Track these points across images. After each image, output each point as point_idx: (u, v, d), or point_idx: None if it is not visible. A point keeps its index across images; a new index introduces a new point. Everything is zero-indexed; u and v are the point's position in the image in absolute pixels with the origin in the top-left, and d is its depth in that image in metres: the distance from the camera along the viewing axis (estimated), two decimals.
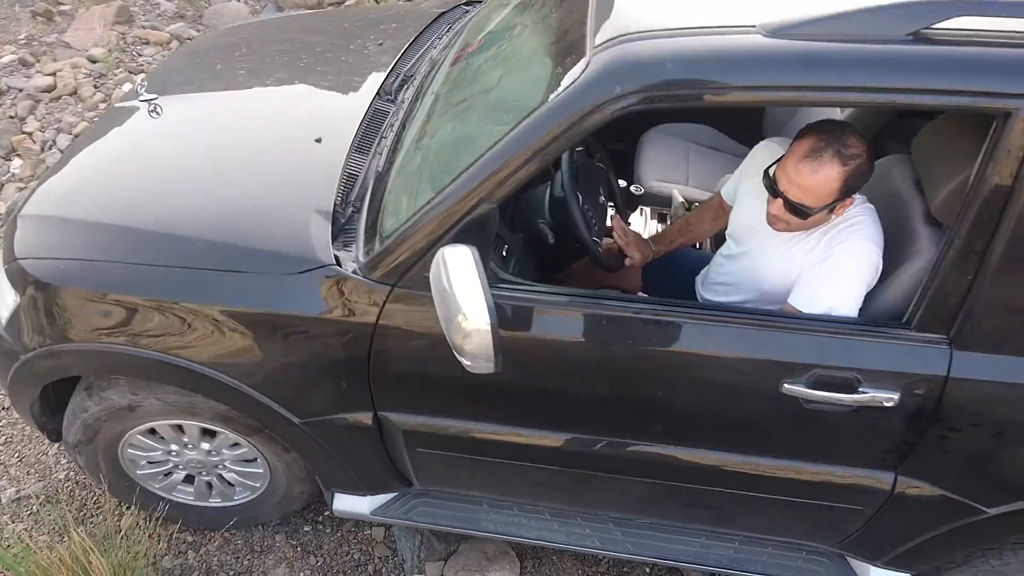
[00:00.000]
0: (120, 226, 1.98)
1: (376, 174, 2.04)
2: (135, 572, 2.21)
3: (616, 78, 1.49)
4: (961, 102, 1.44)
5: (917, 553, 2.04)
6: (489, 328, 1.46)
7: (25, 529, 2.09)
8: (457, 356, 1.55)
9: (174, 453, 2.29)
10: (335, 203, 1.96)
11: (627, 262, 2.29)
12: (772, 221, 1.87)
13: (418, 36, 2.66)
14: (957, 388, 1.67)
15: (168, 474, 2.38)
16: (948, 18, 1.40)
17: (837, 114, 2.48)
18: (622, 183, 2.77)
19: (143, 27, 5.50)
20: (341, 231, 1.91)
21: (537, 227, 2.23)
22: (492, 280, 1.67)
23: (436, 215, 1.68)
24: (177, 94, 2.48)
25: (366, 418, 2.00)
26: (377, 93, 2.33)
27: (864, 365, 1.68)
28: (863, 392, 1.68)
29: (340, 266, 1.83)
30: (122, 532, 2.24)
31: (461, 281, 1.47)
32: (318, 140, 2.15)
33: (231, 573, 2.47)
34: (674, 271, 2.40)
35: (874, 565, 2.12)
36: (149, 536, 2.32)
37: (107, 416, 2.13)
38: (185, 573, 2.45)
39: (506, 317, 1.73)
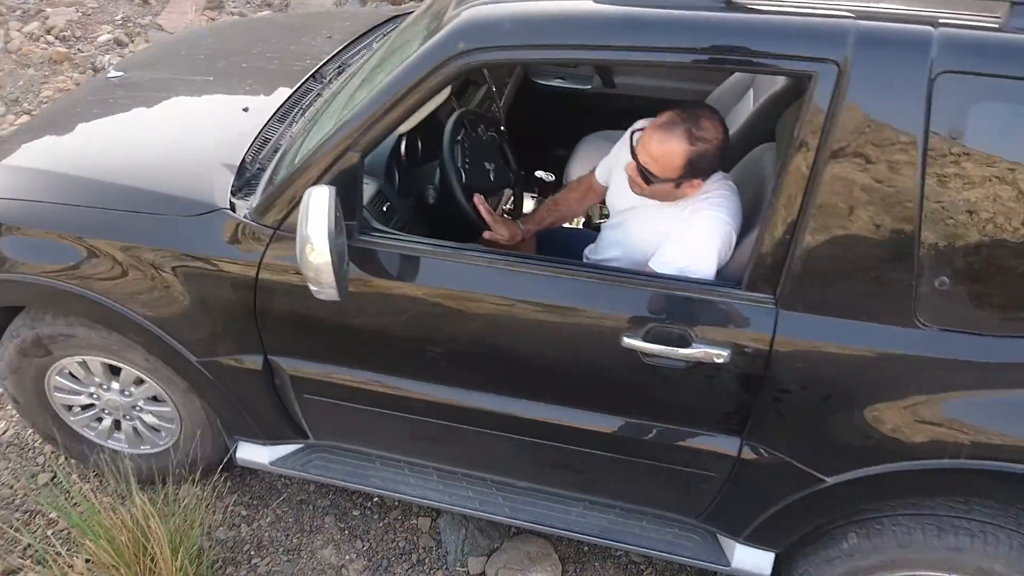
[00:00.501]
0: (58, 173, 2.22)
1: (289, 139, 2.23)
2: (190, 540, 2.29)
3: (461, 36, 1.66)
4: (769, 65, 1.56)
5: (773, 527, 2.03)
6: (329, 258, 1.64)
7: (91, 489, 2.20)
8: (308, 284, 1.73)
9: (94, 395, 2.43)
10: (244, 160, 2.17)
11: (487, 235, 2.31)
12: (629, 182, 1.99)
13: (365, 32, 2.93)
14: (784, 348, 1.72)
15: (99, 419, 2.52)
16: None
17: (749, 106, 2.57)
18: (541, 173, 2.95)
19: (231, 13, 5.68)
20: (246, 184, 2.10)
21: (425, 191, 2.38)
22: (364, 227, 1.89)
23: (312, 162, 1.85)
24: (143, 72, 2.82)
25: (256, 362, 2.12)
26: (312, 76, 2.58)
27: (696, 321, 1.75)
28: (695, 347, 1.74)
29: (234, 212, 2.00)
30: (181, 501, 2.33)
31: (314, 217, 1.64)
32: (245, 109, 2.43)
33: (280, 549, 2.54)
34: (567, 245, 2.48)
35: (738, 541, 2.12)
36: (206, 507, 2.40)
37: (30, 345, 2.29)
38: (237, 545, 2.54)
39: (377, 264, 1.90)
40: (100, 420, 2.53)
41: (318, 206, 1.64)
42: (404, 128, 2.19)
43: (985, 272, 1.59)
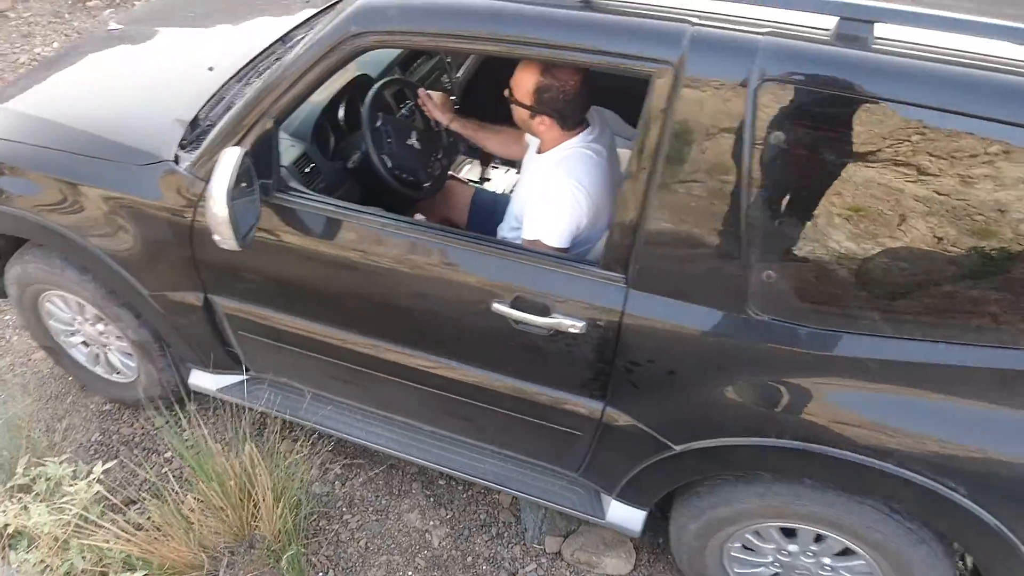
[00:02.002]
0: (44, 118, 2.45)
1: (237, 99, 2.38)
2: (290, 492, 2.45)
3: (354, 20, 1.83)
4: (618, 63, 1.64)
5: (637, 486, 2.19)
6: (227, 213, 1.85)
7: (205, 434, 2.38)
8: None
9: (77, 321, 2.76)
10: (197, 116, 2.35)
11: (426, 104, 2.59)
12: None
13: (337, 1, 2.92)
14: (632, 324, 1.86)
15: (73, 334, 2.85)
16: None
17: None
18: None
19: None
20: (196, 139, 2.26)
21: (349, 157, 2.54)
22: (281, 186, 2.12)
23: (234, 124, 2.07)
24: (139, 26, 3.05)
25: (198, 298, 2.40)
26: (280, 39, 2.69)
27: (556, 293, 1.90)
28: (554, 317, 1.90)
29: (177, 164, 2.21)
30: (284, 455, 2.50)
31: (218, 175, 1.85)
32: (210, 68, 2.56)
33: (369, 508, 2.69)
34: (495, 212, 2.58)
35: (612, 497, 2.28)
36: (305, 462, 2.57)
37: (31, 275, 2.63)
38: (331, 501, 2.70)
39: (288, 220, 2.12)
40: (87, 346, 2.88)
41: (224, 166, 1.86)
42: (319, 97, 2.46)
43: (805, 269, 1.69)
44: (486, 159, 3.23)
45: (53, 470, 2.27)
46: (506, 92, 2.15)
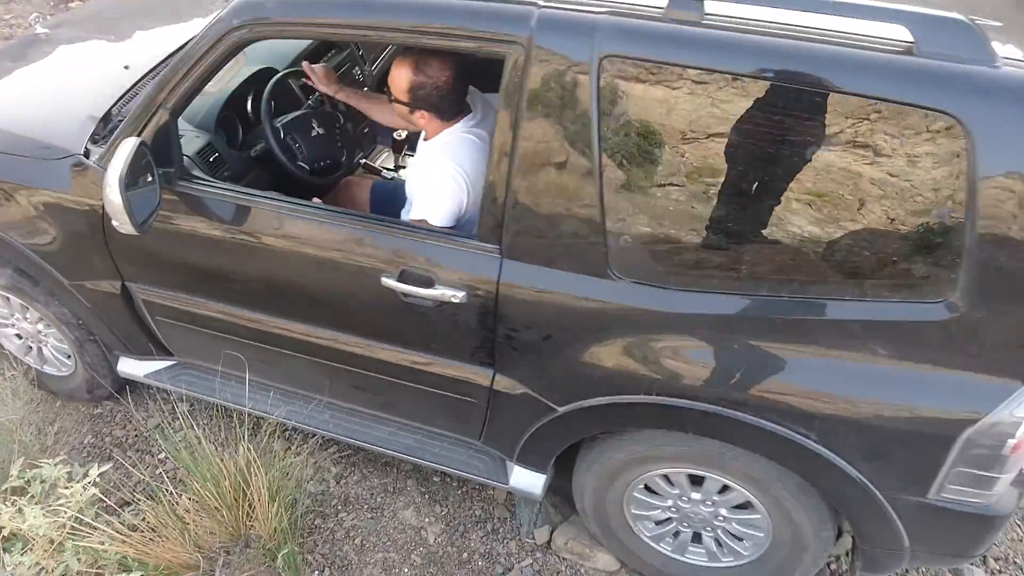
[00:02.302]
0: None
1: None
2: (286, 491, 2.46)
3: (236, 14, 1.94)
4: (477, 45, 1.77)
5: (531, 450, 2.29)
6: (121, 200, 1.98)
7: (197, 436, 2.38)
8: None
9: (13, 316, 2.86)
10: (110, 112, 2.45)
11: (311, 78, 2.66)
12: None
13: None
14: (507, 292, 1.97)
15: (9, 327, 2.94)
16: None
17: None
18: (398, 133, 3.17)
19: None
20: (108, 133, 2.35)
21: (254, 147, 2.66)
22: (183, 175, 2.23)
23: (134, 117, 2.18)
24: (64, 30, 3.14)
25: (115, 286, 2.50)
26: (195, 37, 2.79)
27: (439, 265, 2.01)
28: (437, 288, 2.00)
29: (88, 157, 2.30)
30: (279, 454, 2.51)
31: (114, 164, 1.98)
32: (126, 67, 2.65)
33: (365, 507, 2.70)
34: (396, 199, 2.61)
35: (514, 463, 2.37)
36: (302, 462, 2.57)
37: None
38: (326, 499, 2.71)
39: (190, 205, 2.23)
40: (19, 338, 2.96)
41: (119, 156, 1.99)
42: (223, 88, 2.61)
43: (655, 234, 1.82)
44: (399, 147, 3.30)
45: (49, 472, 2.26)
46: (385, 91, 2.31)
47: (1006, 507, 1.89)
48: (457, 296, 1.99)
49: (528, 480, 2.37)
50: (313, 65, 2.70)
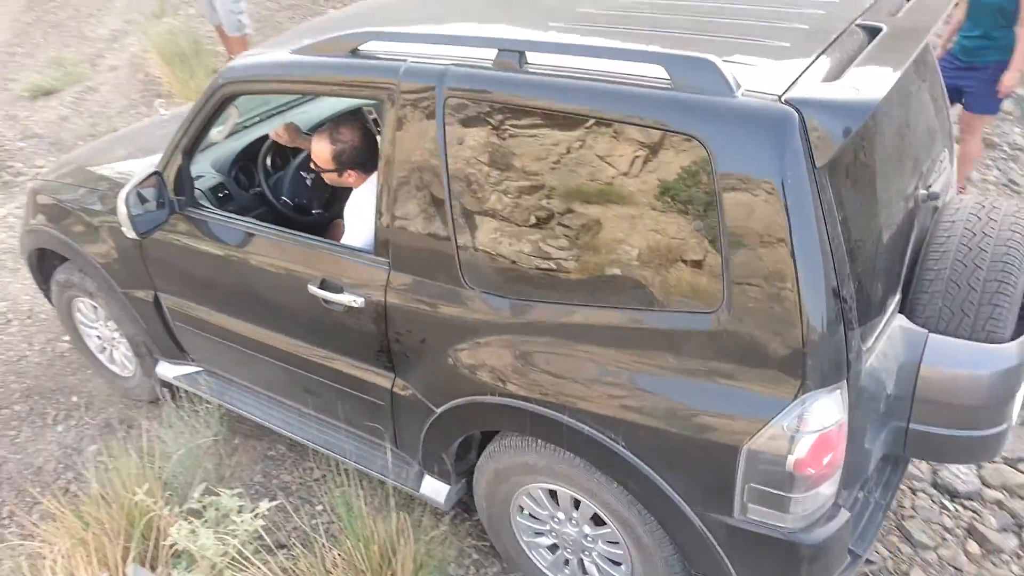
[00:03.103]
0: (88, 170, 3.28)
1: None
2: (428, 567, 2.49)
3: (224, 75, 2.55)
4: (368, 92, 2.32)
5: (427, 455, 2.50)
6: (124, 209, 2.59)
7: (360, 495, 2.49)
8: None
9: (95, 322, 3.51)
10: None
11: (282, 139, 3.06)
12: None
13: None
14: (392, 300, 2.30)
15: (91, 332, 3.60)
16: (364, 42, 2.26)
17: None
18: None
19: None
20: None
21: (256, 189, 3.13)
22: (190, 202, 2.77)
23: (162, 157, 2.75)
24: (180, 109, 3.75)
25: (149, 295, 3.04)
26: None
27: (346, 277, 2.39)
28: (344, 295, 2.37)
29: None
30: (426, 530, 2.56)
31: (128, 184, 2.62)
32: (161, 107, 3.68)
33: None
34: None
35: (422, 469, 2.59)
36: (447, 541, 2.60)
37: (64, 283, 3.44)
38: None
39: (194, 227, 2.77)
40: (99, 340, 3.59)
41: (133, 179, 2.63)
42: (235, 143, 3.19)
43: (491, 249, 2.11)
44: None
45: (227, 501, 2.44)
46: (312, 166, 2.74)
47: (818, 536, 1.88)
48: (357, 301, 2.34)
49: (435, 488, 2.57)
50: (279, 126, 3.11)
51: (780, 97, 1.70)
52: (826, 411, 1.77)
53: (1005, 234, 2.11)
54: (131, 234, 2.64)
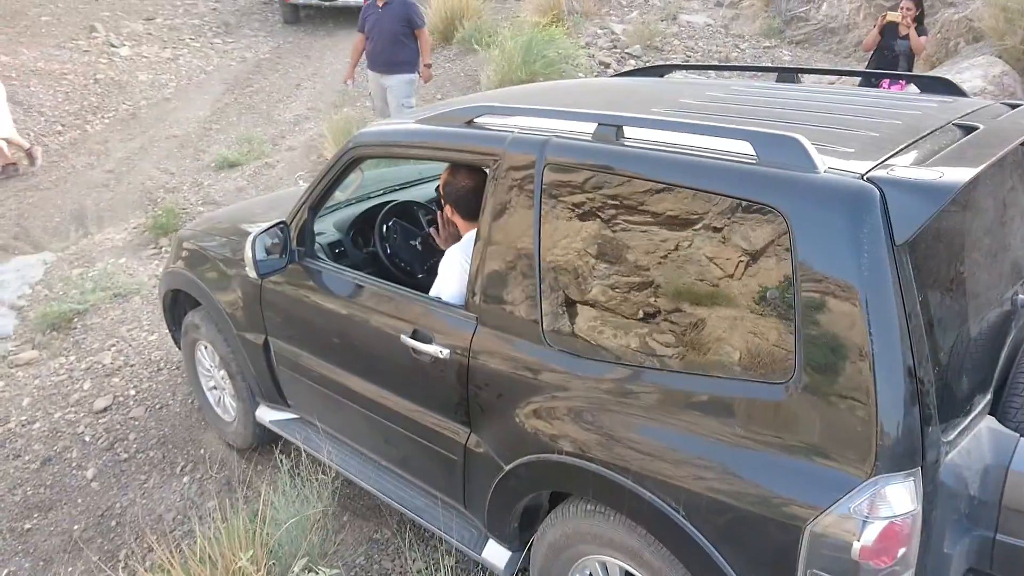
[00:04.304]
0: (215, 218, 3.89)
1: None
2: None
3: (355, 140, 2.84)
4: (479, 158, 2.46)
5: (493, 516, 2.45)
6: (250, 252, 2.85)
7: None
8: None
9: (211, 366, 3.80)
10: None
11: (435, 233, 3.17)
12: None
13: None
14: (476, 353, 2.35)
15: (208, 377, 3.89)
16: (479, 116, 2.49)
17: None
18: None
19: None
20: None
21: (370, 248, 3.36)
22: (309, 254, 3.01)
23: (290, 211, 3.04)
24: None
25: (259, 339, 3.26)
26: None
27: (436, 328, 2.47)
28: (432, 345, 2.44)
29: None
30: None
31: (257, 228, 2.93)
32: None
33: None
34: None
35: (488, 533, 2.53)
36: None
37: (191, 327, 3.77)
38: None
39: (309, 276, 2.99)
40: (212, 386, 3.88)
41: (262, 226, 2.91)
42: (356, 208, 3.49)
43: (575, 311, 2.16)
44: None
45: None
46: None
47: None
48: (443, 352, 2.42)
49: (497, 553, 2.51)
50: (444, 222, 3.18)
51: (863, 176, 1.73)
52: (898, 498, 1.67)
53: None
54: (252, 274, 2.89)
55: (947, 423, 1.78)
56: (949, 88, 2.64)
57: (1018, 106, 2.41)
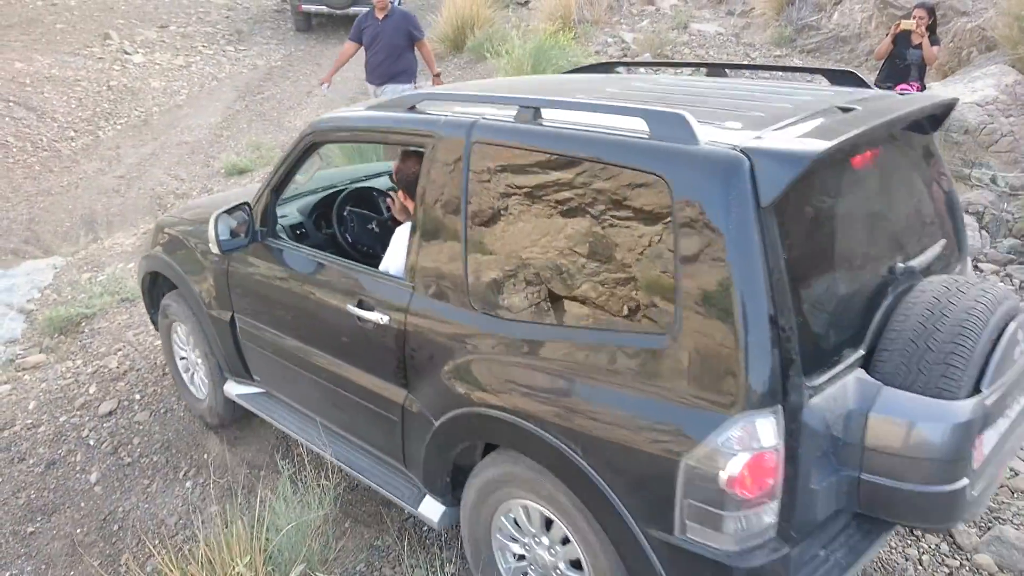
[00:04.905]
0: (197, 209, 3.87)
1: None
2: None
3: (311, 127, 3.05)
4: (416, 140, 2.66)
5: (427, 471, 2.65)
6: (212, 230, 3.10)
7: None
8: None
9: (184, 346, 3.99)
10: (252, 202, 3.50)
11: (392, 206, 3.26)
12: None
13: None
14: (412, 319, 2.57)
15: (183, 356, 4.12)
16: (420, 102, 2.76)
17: None
18: None
19: None
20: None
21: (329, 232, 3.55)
22: (271, 234, 3.23)
23: (255, 194, 3.27)
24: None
25: (226, 316, 3.44)
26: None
27: (376, 296, 2.70)
28: (374, 313, 2.66)
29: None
30: None
31: (220, 208, 3.16)
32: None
33: None
34: None
35: (428, 492, 2.73)
36: None
37: (167, 310, 3.95)
38: None
39: (269, 254, 3.21)
40: (184, 361, 4.06)
41: (225, 205, 3.16)
42: (323, 193, 3.71)
43: (496, 277, 2.36)
44: None
45: None
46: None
47: (751, 562, 1.89)
48: (383, 319, 2.62)
49: (431, 507, 2.69)
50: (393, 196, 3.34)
51: (736, 147, 1.93)
52: (761, 433, 1.85)
53: (968, 303, 2.17)
54: (215, 249, 3.12)
55: (813, 370, 1.96)
56: (856, 81, 2.84)
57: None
